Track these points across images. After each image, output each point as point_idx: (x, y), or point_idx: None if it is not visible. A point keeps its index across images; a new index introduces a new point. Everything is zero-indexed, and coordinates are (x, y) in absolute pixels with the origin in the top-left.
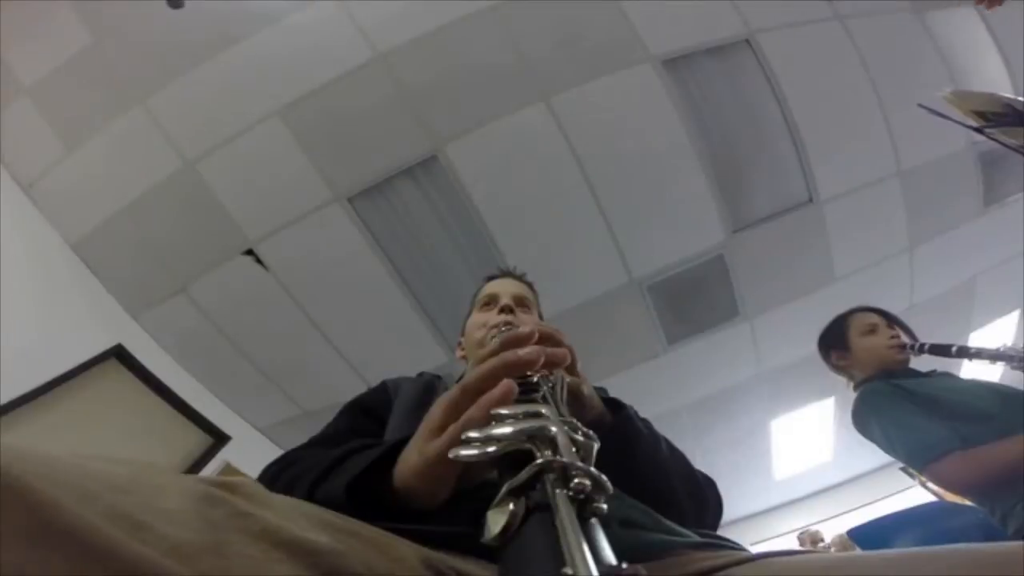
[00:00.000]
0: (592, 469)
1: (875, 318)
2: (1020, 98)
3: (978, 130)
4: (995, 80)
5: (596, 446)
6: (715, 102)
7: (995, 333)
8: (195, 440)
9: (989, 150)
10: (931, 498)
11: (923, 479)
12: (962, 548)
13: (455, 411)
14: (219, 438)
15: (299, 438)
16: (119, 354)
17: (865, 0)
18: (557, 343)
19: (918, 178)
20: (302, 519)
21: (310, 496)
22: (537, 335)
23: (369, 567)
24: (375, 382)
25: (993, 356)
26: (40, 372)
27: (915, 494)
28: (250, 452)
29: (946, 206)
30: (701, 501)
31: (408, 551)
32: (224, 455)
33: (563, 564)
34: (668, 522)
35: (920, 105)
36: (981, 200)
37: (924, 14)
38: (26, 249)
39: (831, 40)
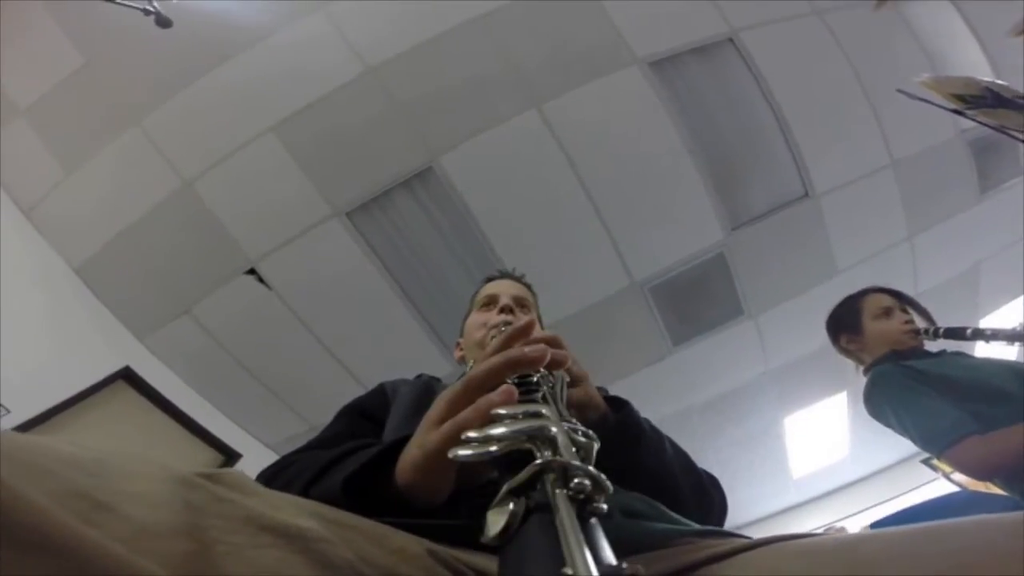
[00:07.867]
0: (592, 469)
1: (888, 300)
2: (999, 81)
3: (958, 112)
4: (975, 64)
5: (596, 446)
6: (704, 101)
7: (1003, 319)
8: (206, 458)
9: (979, 138)
10: (956, 489)
11: (946, 470)
12: (992, 517)
13: (457, 406)
14: (230, 455)
15: None
16: (127, 375)
17: None
18: (559, 346)
19: (911, 168)
20: (290, 507)
21: (304, 495)
22: (536, 325)
23: (363, 557)
24: None
25: (1010, 337)
26: (48, 396)
27: (938, 487)
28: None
29: (941, 194)
30: (706, 500)
31: (409, 542)
32: None
33: (563, 564)
34: (671, 512)
35: (899, 90)
36: (976, 188)
37: (900, 3)
38: (30, 274)
39: (811, 35)
